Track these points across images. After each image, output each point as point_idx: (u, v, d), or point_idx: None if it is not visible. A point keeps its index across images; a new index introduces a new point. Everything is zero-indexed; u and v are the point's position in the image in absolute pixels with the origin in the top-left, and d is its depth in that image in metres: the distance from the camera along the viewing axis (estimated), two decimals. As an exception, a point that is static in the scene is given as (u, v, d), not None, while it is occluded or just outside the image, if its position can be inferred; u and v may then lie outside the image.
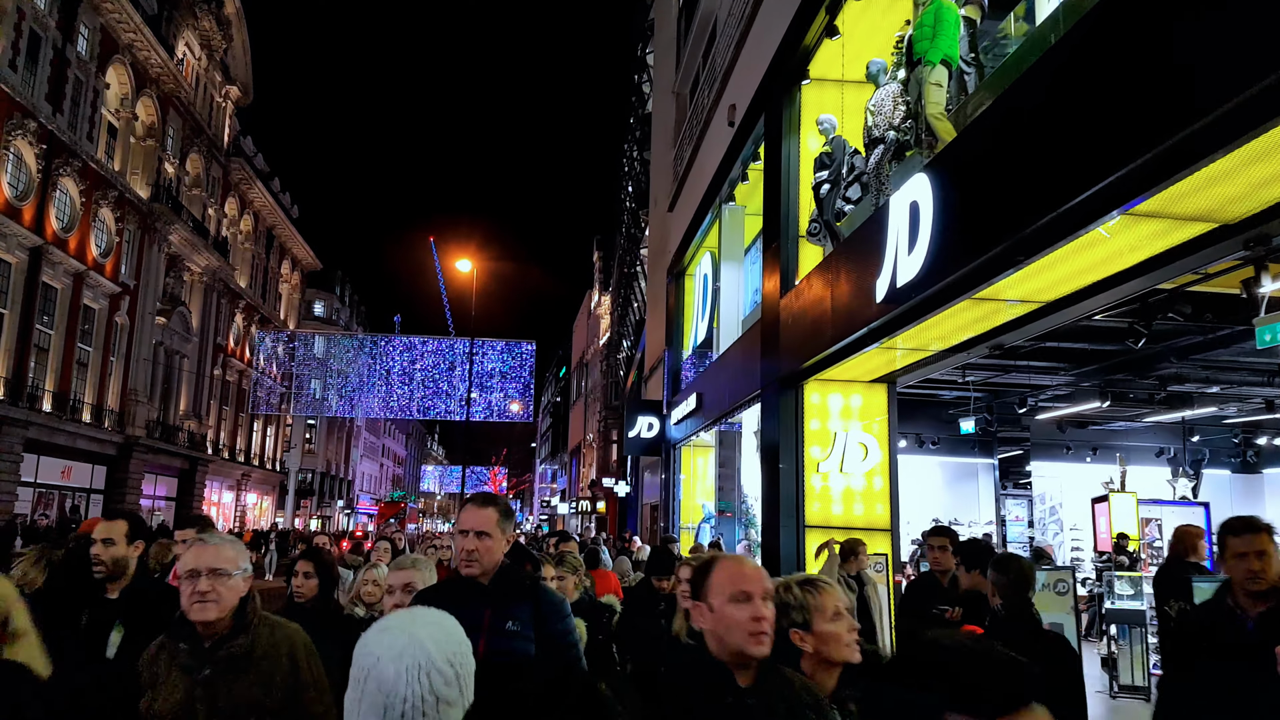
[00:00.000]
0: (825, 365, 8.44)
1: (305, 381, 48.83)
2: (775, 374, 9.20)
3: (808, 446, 8.81)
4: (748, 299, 13.03)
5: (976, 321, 6.36)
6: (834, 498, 8.74)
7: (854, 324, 7.02)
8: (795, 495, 8.73)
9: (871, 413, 8.90)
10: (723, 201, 12.81)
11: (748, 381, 10.43)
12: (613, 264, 49.47)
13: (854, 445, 8.78)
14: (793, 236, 9.16)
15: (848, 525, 8.74)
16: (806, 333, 8.45)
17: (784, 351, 8.98)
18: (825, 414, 8.89)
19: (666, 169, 18.97)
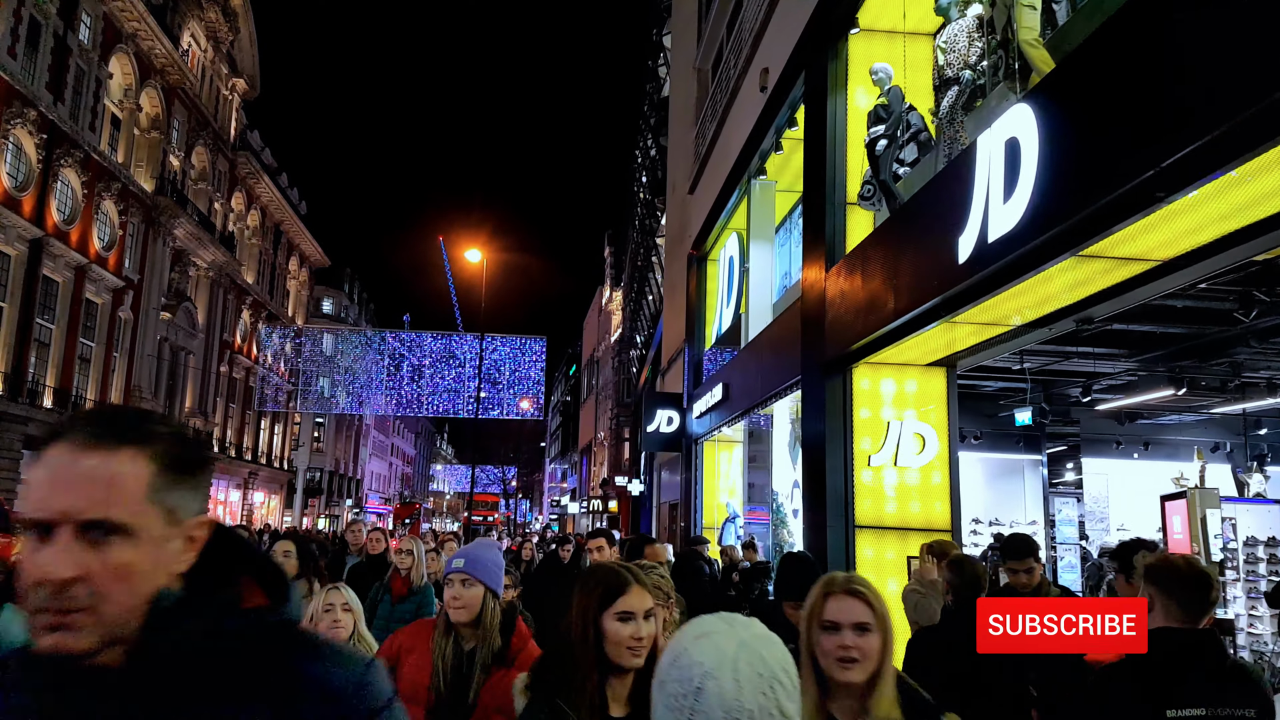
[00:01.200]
0: (878, 346, 7.53)
1: (312, 379, 48.07)
2: (819, 358, 8.28)
3: (857, 438, 7.89)
4: (780, 280, 12.13)
5: (1073, 287, 5.45)
6: (887, 494, 7.83)
7: (923, 294, 6.10)
8: (844, 492, 7.82)
9: (928, 399, 7.98)
10: (751, 176, 11.89)
11: (784, 368, 9.52)
12: (624, 259, 48.57)
13: (909, 436, 7.86)
14: (839, 204, 8.24)
15: (903, 525, 7.82)
16: (858, 309, 7.53)
17: (830, 332, 8.06)
18: (876, 401, 7.97)
19: (686, 151, 18.05)
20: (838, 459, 7.88)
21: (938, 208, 5.93)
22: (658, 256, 26.99)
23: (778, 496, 11.90)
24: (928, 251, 6.08)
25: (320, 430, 69.20)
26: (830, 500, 7.80)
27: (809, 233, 8.92)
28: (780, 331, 9.86)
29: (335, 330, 51.70)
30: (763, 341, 10.77)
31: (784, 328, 9.73)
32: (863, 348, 7.66)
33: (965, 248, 5.29)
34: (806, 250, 8.94)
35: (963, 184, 5.36)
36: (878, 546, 7.78)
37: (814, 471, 8.18)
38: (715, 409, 13.19)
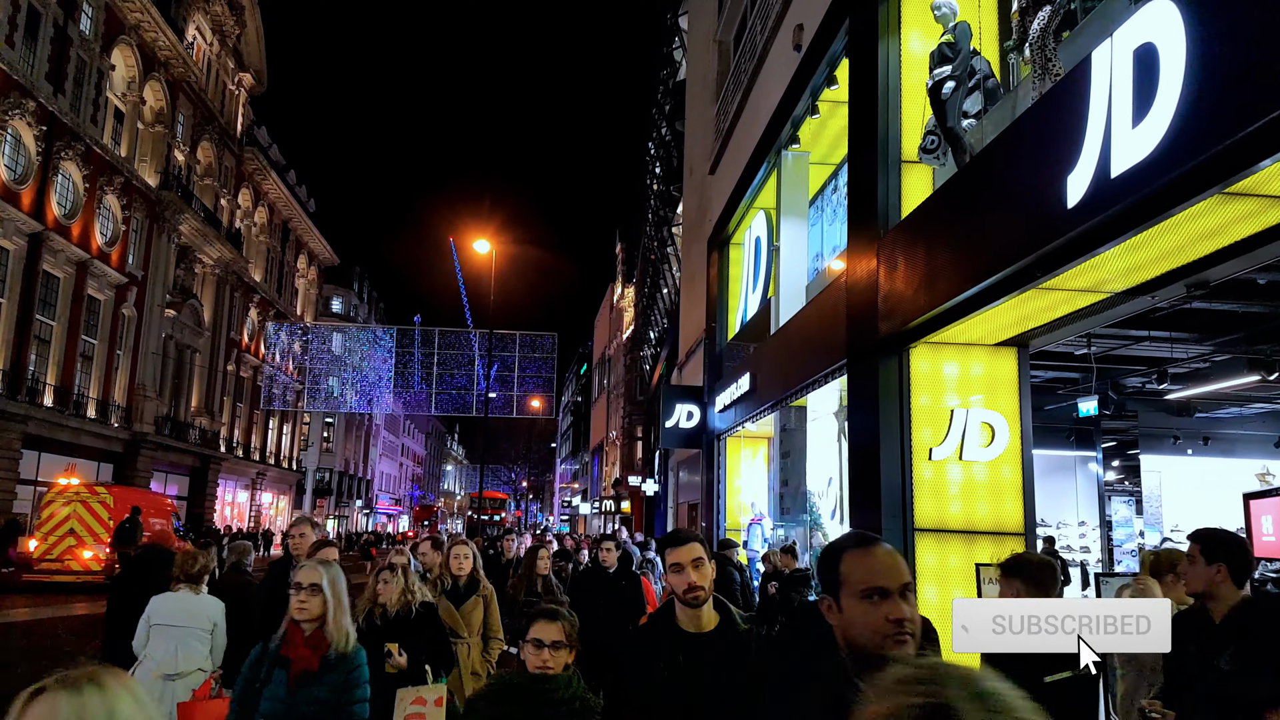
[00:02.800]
0: (941, 323, 6.58)
1: (321, 377, 47.30)
2: (869, 339, 7.33)
3: (916, 428, 6.93)
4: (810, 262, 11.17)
5: (1201, 239, 4.49)
6: (951, 492, 6.87)
7: (1009, 253, 5.15)
8: (901, 491, 6.86)
9: (997, 384, 7.01)
10: (782, 147, 10.93)
11: (824, 352, 8.57)
12: (636, 254, 47.66)
13: (975, 425, 6.90)
14: (893, 162, 7.29)
15: (968, 528, 6.86)
16: (918, 280, 6.58)
17: (883, 309, 7.10)
18: (938, 387, 7.00)
19: (705, 131, 17.10)
20: (894, 453, 6.92)
21: (1032, 147, 4.97)
22: (674, 247, 26.04)
23: (811, 496, 10.94)
24: (1018, 202, 5.12)
25: (330, 430, 68.55)
26: (885, 500, 6.84)
27: (855, 198, 7.96)
28: (820, 312, 8.90)
29: (343, 328, 50.90)
30: (797, 325, 9.80)
31: (824, 308, 8.77)
32: (923, 325, 6.71)
33: (1076, 189, 4.33)
34: (853, 218, 7.97)
35: (1071, 112, 4.41)
36: (940, 553, 6.82)
37: (865, 467, 7.23)
38: (740, 402, 12.24)
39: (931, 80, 6.47)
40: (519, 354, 47.44)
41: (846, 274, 7.93)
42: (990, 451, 6.91)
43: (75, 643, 11.85)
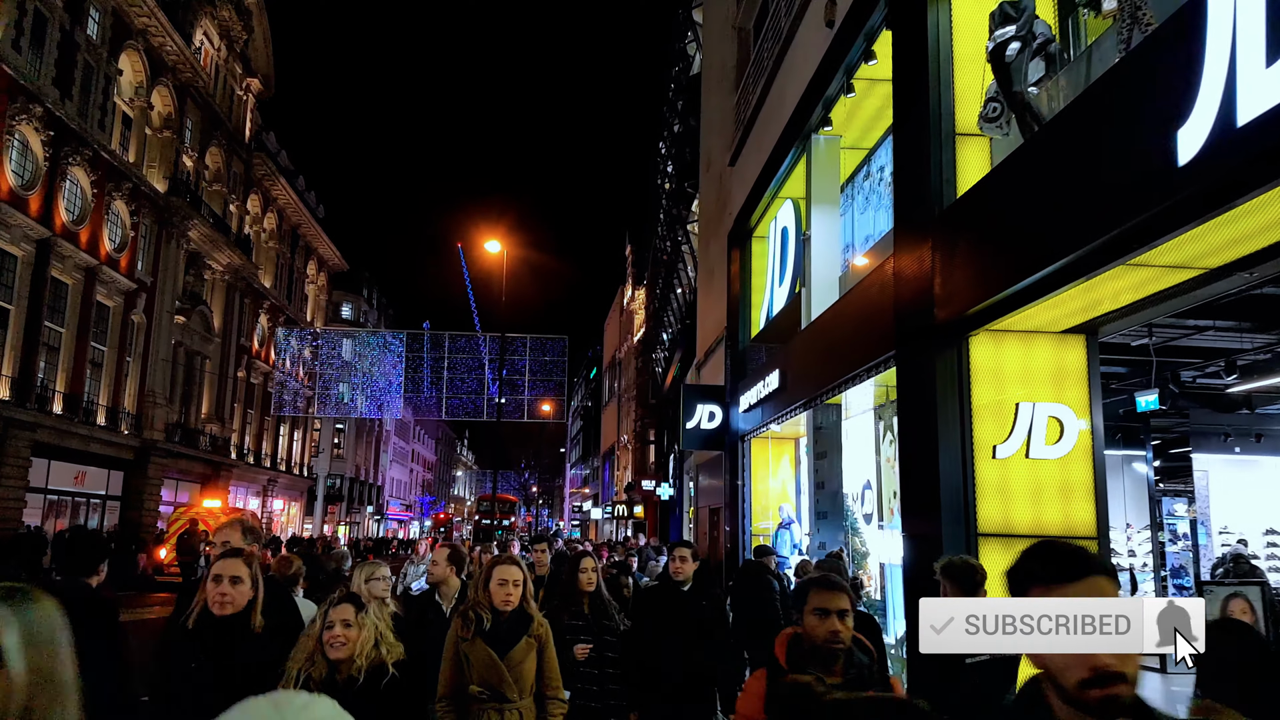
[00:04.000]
0: (1005, 309, 6.05)
1: (331, 383, 46.92)
2: (922, 327, 6.79)
3: (977, 424, 6.38)
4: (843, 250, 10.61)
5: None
6: (1018, 494, 6.32)
7: (1097, 224, 4.61)
8: (961, 493, 6.32)
9: (1065, 375, 6.47)
10: (812, 131, 10.40)
11: (867, 344, 8.02)
12: (647, 255, 47.15)
13: (1042, 420, 6.36)
14: (946, 136, 6.76)
15: (1037, 532, 6.32)
16: (981, 260, 6.06)
17: (940, 293, 6.57)
18: (1001, 378, 6.46)
19: (723, 122, 16.59)
20: (953, 451, 6.38)
21: (1128, 103, 4.43)
22: (689, 245, 25.51)
23: (846, 500, 10.39)
24: (1108, 166, 4.59)
25: (340, 436, 68.21)
26: (946, 503, 6.31)
27: (903, 177, 7.43)
28: (861, 300, 8.36)
29: (353, 333, 50.51)
30: (833, 317, 9.26)
31: (866, 296, 8.23)
32: (985, 311, 6.17)
33: (1189, 144, 3.80)
34: (900, 199, 7.44)
35: (1182, 57, 3.88)
36: (1007, 560, 6.24)
37: (921, 468, 6.69)
38: (767, 401, 11.70)
39: (993, 43, 5.95)
40: (529, 358, 47.00)
41: (894, 258, 7.40)
42: (1059, 448, 6.37)
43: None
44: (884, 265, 7.76)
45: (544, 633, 4.56)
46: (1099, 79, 4.77)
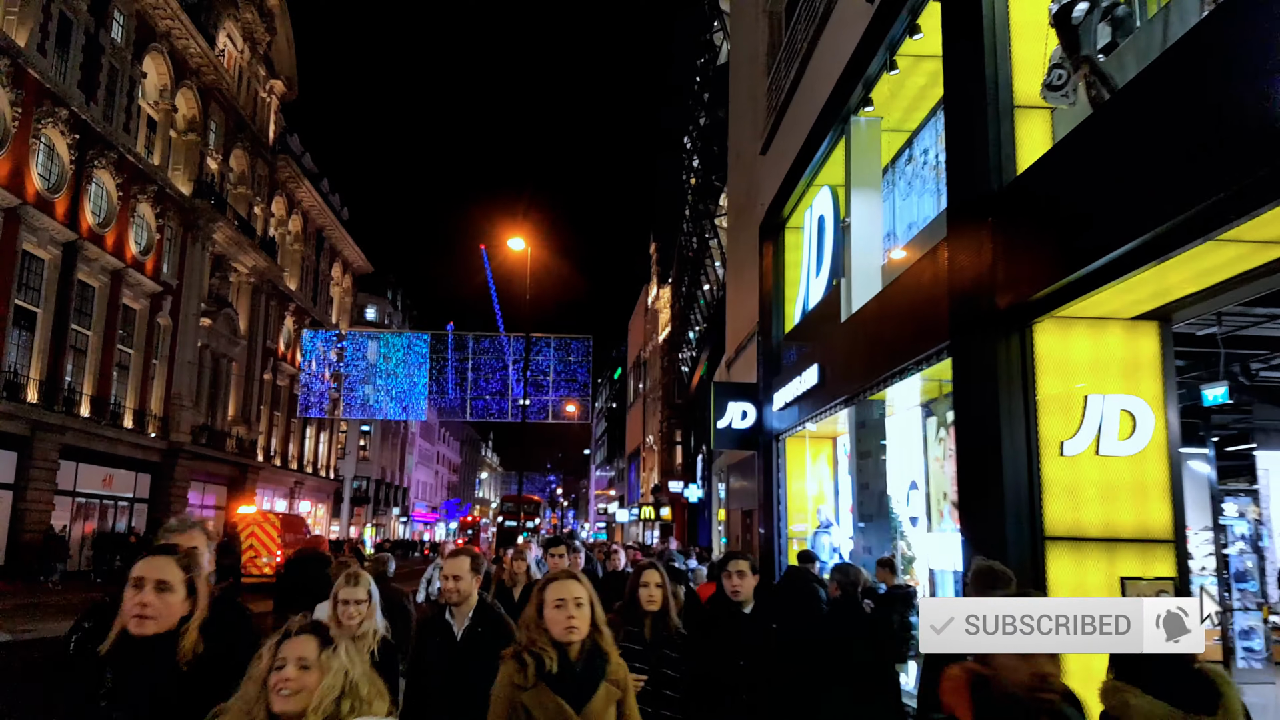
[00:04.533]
0: (1074, 293, 5.57)
1: (356, 384, 46.82)
2: (980, 314, 6.31)
3: (1043, 419, 5.90)
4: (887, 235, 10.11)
5: None
6: (1087, 494, 5.84)
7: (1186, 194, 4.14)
8: (1027, 492, 5.84)
9: (1138, 365, 5.98)
10: (851, 113, 9.93)
11: (918, 334, 7.55)
12: (672, 254, 46.70)
13: (1113, 414, 5.86)
14: (1004, 107, 6.28)
15: (1109, 535, 5.84)
16: (1047, 240, 5.60)
17: (1002, 277, 6.11)
18: (1067, 369, 5.98)
19: (754, 110, 16.12)
20: (1017, 448, 5.90)
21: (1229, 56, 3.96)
22: (716, 240, 25.04)
23: (890, 501, 9.90)
24: (1201, 129, 4.13)
25: (366, 439, 68.34)
26: (1010, 504, 5.83)
27: (957, 155, 6.95)
28: (909, 289, 7.88)
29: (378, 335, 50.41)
30: (877, 308, 8.79)
31: (916, 283, 7.76)
32: (1052, 295, 5.70)
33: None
34: (955, 178, 6.96)
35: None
36: (1076, 565, 5.80)
37: (981, 466, 6.21)
38: (805, 398, 11.23)
39: (1057, 4, 5.47)
40: (553, 358, 46.68)
41: (947, 242, 6.92)
42: (1132, 444, 5.88)
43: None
44: (935, 250, 7.29)
45: (624, 676, 3.46)
46: (1187, 34, 4.31)
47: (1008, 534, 5.85)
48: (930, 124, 9.83)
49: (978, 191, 6.47)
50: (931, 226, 9.09)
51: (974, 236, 6.46)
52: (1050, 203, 5.79)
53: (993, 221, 6.23)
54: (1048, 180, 5.86)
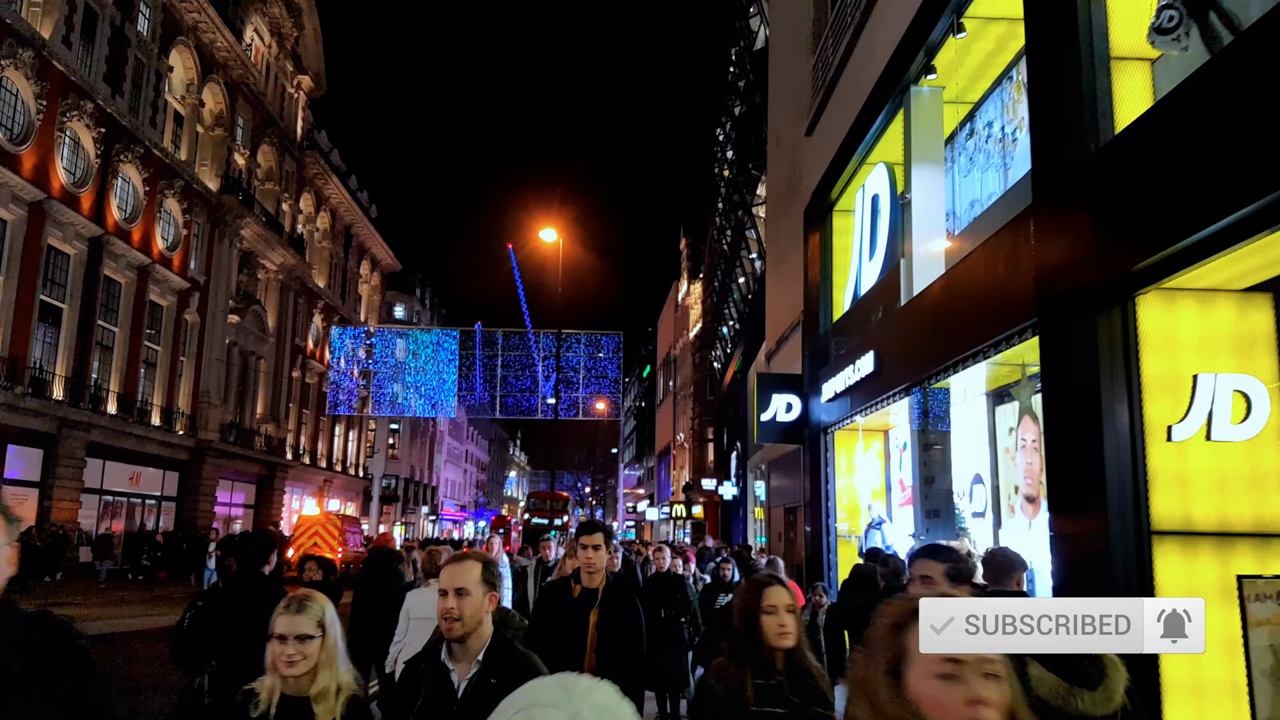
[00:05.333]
0: (1184, 261, 4.94)
1: (385, 382, 46.59)
2: (1073, 288, 5.69)
3: (1147, 401, 5.28)
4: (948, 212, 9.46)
5: None
6: (1198, 484, 5.20)
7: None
8: (1130, 483, 5.22)
9: (1252, 341, 5.33)
10: (910, 84, 9.30)
11: (993, 313, 6.92)
12: (703, 248, 46.07)
13: (1226, 395, 5.23)
14: (1100, 60, 5.66)
15: (1223, 529, 5.20)
16: (1153, 202, 4.97)
17: (1097, 246, 5.47)
18: (1174, 346, 5.35)
19: (797, 91, 15.50)
20: (1120, 433, 5.27)
21: None
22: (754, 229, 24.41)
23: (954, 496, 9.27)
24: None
25: (395, 437, 68.22)
26: (1113, 496, 5.21)
27: (1042, 115, 6.31)
28: (984, 265, 7.24)
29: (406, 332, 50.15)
30: (945, 288, 8.15)
31: (991, 259, 7.12)
32: (1157, 265, 5.06)
33: None
34: (1040, 140, 6.31)
35: None
36: (1187, 562, 5.16)
37: (1076, 455, 5.59)
38: (859, 388, 10.60)
39: (1173, -69, 4.86)
40: (583, 354, 46.21)
41: (1033, 211, 6.29)
42: (1247, 428, 5.23)
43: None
44: (1015, 223, 6.65)
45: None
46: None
47: (1111, 529, 5.22)
48: (995, 94, 9.18)
49: (1069, 155, 5.84)
50: (999, 204, 8.46)
51: (1065, 204, 5.83)
52: (1155, 164, 5.15)
53: (1087, 187, 5.60)
54: (1152, 139, 5.23)
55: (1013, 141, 8.82)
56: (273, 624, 2.75)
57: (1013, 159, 8.76)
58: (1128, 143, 5.43)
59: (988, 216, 8.52)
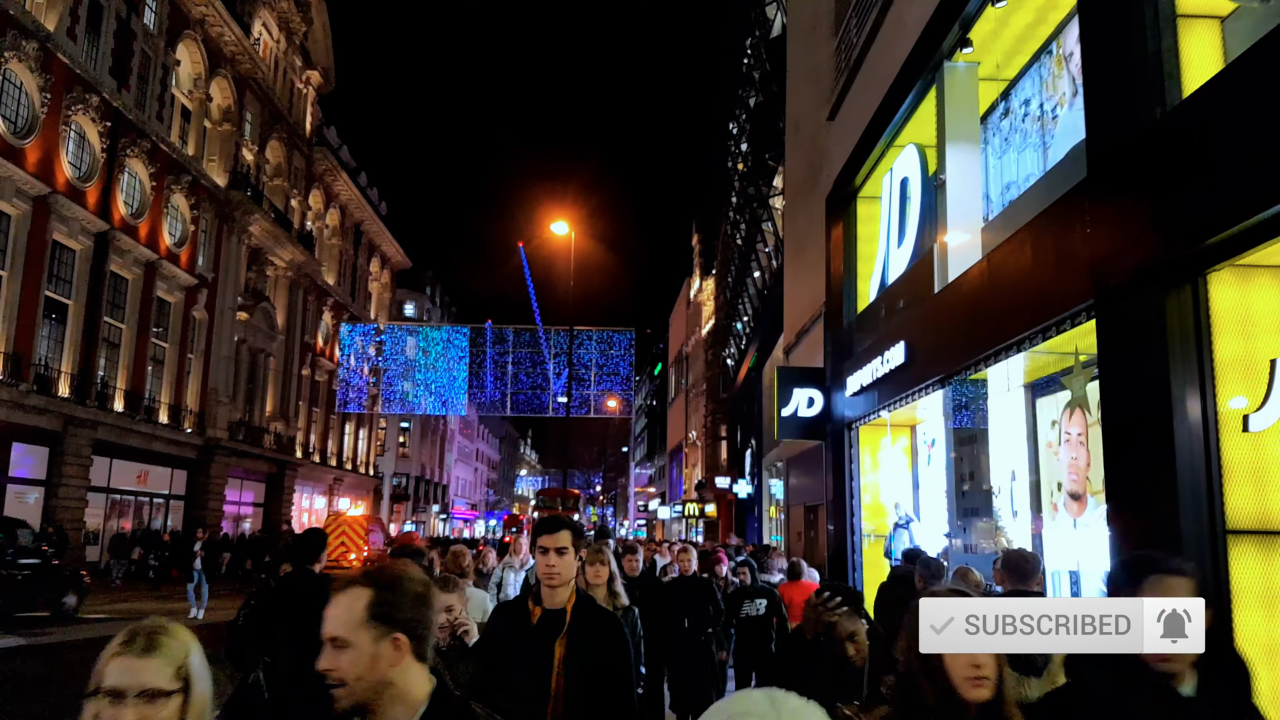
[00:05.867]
0: (1263, 235, 4.46)
1: (395, 379, 46.26)
2: (1136, 266, 5.22)
3: (1220, 388, 4.81)
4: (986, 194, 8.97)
5: None
6: (1277, 478, 4.73)
7: None
8: (1204, 477, 4.75)
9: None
10: (943, 59, 8.83)
11: (1042, 297, 6.44)
12: (716, 243, 45.58)
13: (1309, 382, 4.75)
14: (1165, 17, 5.19)
15: (1308, 530, 4.72)
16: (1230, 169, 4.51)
17: (1164, 219, 4.99)
18: (1249, 327, 4.88)
19: (817, 76, 15.04)
20: (1191, 422, 4.81)
21: None
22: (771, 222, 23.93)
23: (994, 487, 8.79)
24: None
25: (406, 435, 67.96)
26: (1185, 491, 4.74)
27: (1098, 79, 5.83)
28: (1028, 247, 6.76)
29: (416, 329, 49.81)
30: (983, 273, 7.67)
31: (1036, 241, 6.64)
32: (1233, 239, 4.59)
33: None
34: (1096, 106, 5.83)
35: None
36: (1265, 564, 4.69)
37: (1140, 447, 5.12)
38: (886, 381, 10.13)
39: None
40: (595, 351, 45.78)
41: (1088, 185, 5.81)
42: (1332, 419, 4.76)
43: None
44: (1066, 200, 6.17)
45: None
46: None
47: (1182, 528, 4.75)
48: (1033, 70, 8.69)
49: (1131, 123, 5.37)
50: (1040, 185, 7.98)
51: (1126, 176, 5.36)
52: (1230, 129, 4.68)
53: (1151, 156, 5.13)
54: (1227, 102, 4.75)
55: (1053, 119, 8.34)
56: (99, 671, 1.80)
57: (1053, 137, 8.28)
58: (1199, 106, 4.96)
59: (1027, 199, 8.04)
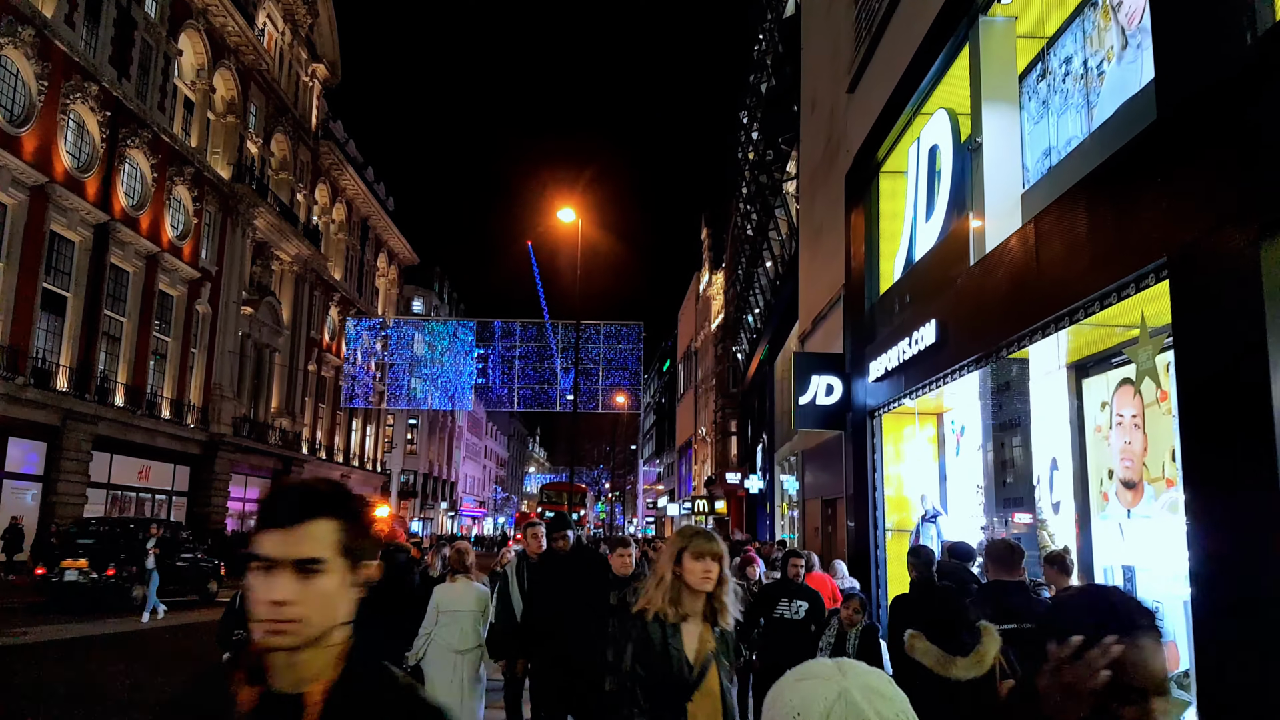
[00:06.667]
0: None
1: (402, 374, 45.70)
2: (1221, 214, 4.53)
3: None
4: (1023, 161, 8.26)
5: None
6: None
7: None
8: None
9: None
10: (979, 13, 8.14)
11: (1100, 259, 5.75)
12: (725, 237, 44.89)
13: None
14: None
15: None
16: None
17: (1253, 159, 4.31)
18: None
19: (834, 50, 14.35)
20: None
21: None
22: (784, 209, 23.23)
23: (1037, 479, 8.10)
24: None
25: (413, 432, 67.50)
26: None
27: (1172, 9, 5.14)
28: (1080, 206, 6.06)
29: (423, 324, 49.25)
30: (1026, 240, 6.97)
31: (1090, 199, 5.95)
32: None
33: None
34: (1169, 40, 5.14)
35: None
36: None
37: (1229, 422, 4.44)
38: (915, 363, 9.45)
39: None
40: (603, 346, 45.10)
41: (1157, 128, 5.12)
42: None
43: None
44: (1130, 148, 5.47)
45: None
46: None
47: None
48: (1075, 25, 7.99)
49: (1213, 56, 4.69)
50: (1086, 145, 7.28)
51: (1206, 113, 4.68)
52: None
53: (1239, 88, 4.45)
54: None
55: (1098, 76, 7.64)
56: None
57: (1099, 95, 7.57)
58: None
59: (1072, 160, 7.34)
